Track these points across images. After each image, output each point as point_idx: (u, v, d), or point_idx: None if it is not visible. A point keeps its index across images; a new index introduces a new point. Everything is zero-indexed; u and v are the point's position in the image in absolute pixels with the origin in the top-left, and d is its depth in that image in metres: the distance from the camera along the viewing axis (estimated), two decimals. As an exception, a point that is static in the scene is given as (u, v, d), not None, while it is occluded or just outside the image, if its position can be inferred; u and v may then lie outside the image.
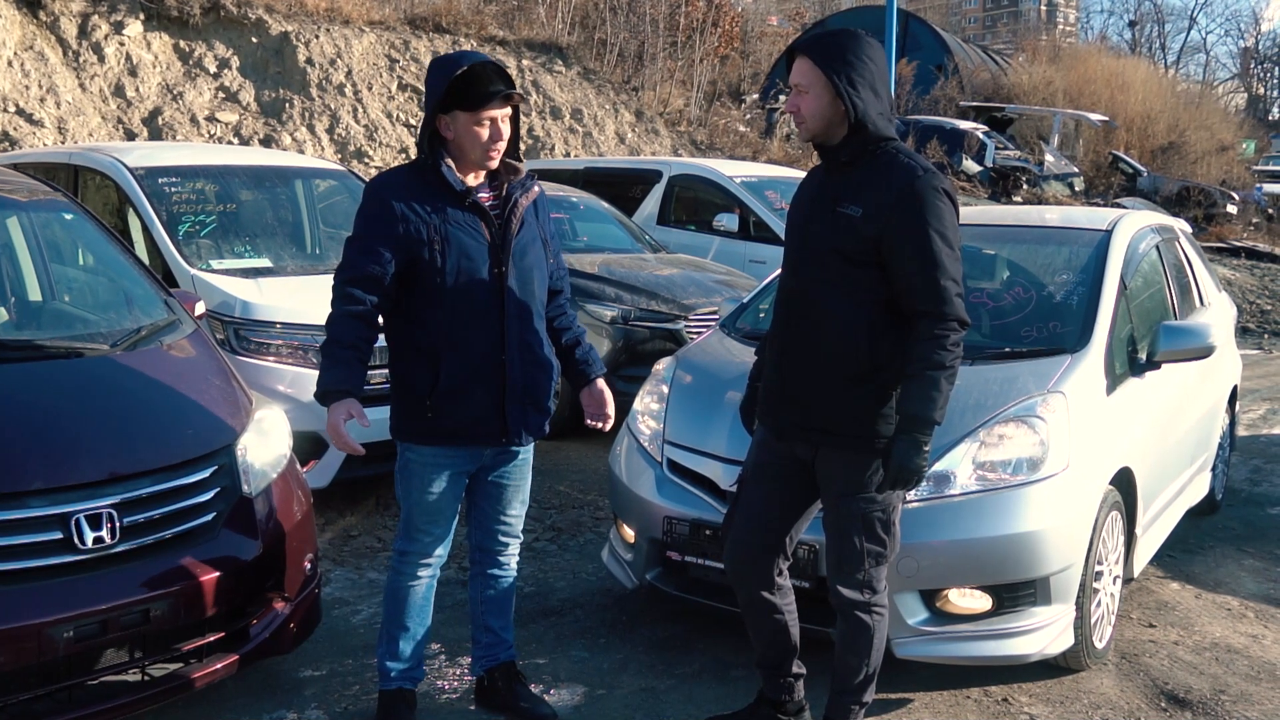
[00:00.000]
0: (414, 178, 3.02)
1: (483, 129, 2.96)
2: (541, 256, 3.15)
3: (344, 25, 14.95)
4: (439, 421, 3.03)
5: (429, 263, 2.96)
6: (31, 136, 11.39)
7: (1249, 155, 32.18)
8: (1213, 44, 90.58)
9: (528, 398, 3.10)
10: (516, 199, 3.07)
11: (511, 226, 3.05)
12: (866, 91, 2.79)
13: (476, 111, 2.93)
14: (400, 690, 3.24)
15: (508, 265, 3.02)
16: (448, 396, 3.01)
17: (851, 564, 2.94)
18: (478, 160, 3.01)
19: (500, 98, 2.95)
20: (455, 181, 2.98)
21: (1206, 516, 5.54)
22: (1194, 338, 4.15)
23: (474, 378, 3.02)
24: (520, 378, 3.07)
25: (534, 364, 3.11)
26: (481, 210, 3.02)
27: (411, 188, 3.00)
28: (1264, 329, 13.51)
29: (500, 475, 3.21)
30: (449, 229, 2.97)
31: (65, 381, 3.21)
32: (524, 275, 3.07)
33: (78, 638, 2.73)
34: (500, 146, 3.00)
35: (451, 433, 3.05)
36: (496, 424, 3.07)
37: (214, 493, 3.13)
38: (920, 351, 2.77)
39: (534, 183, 3.15)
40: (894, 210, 2.77)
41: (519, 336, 3.06)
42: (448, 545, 3.22)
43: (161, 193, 5.61)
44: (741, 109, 21.45)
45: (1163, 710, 3.54)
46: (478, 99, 2.92)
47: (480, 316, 3.01)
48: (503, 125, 2.99)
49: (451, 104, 2.94)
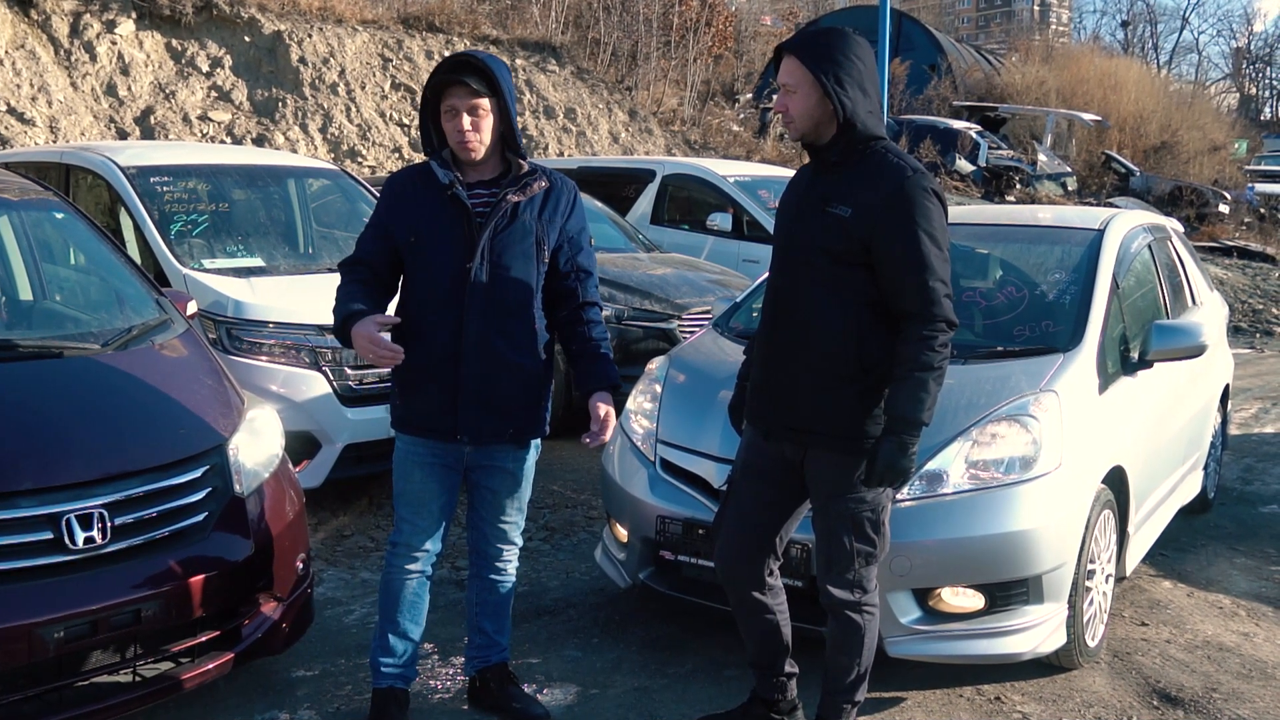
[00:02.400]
0: (419, 173, 3.10)
1: (449, 119, 2.99)
2: (530, 256, 3.06)
3: (337, 24, 14.93)
4: (405, 411, 3.11)
5: (408, 253, 3.05)
6: (23, 135, 11.36)
7: (1241, 155, 32.24)
8: (1205, 44, 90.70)
9: (482, 400, 3.04)
10: (506, 194, 3.03)
11: (490, 222, 3.01)
12: (855, 90, 2.79)
13: (443, 101, 2.99)
14: (392, 689, 3.23)
15: (476, 260, 2.99)
16: (408, 385, 3.09)
17: (841, 564, 2.94)
18: (456, 150, 3.03)
19: (459, 86, 2.93)
20: (440, 174, 3.02)
21: (1199, 515, 5.55)
22: (1186, 337, 4.16)
23: (430, 371, 3.04)
24: (474, 376, 3.01)
25: (497, 365, 3.04)
26: (461, 204, 3.01)
27: (414, 182, 3.09)
28: (1256, 328, 13.54)
29: (492, 482, 3.18)
30: (427, 221, 3.03)
31: (56, 381, 3.20)
32: (499, 273, 3.01)
33: (68, 638, 2.72)
34: (470, 138, 2.97)
35: (412, 422, 3.11)
36: (448, 420, 3.05)
37: (205, 493, 3.13)
38: (908, 352, 2.77)
39: (539, 179, 3.08)
40: (883, 211, 2.76)
41: (479, 335, 3.00)
42: (437, 541, 3.19)
43: (153, 192, 5.59)
44: (735, 108, 21.46)
45: (1155, 708, 3.55)
46: (442, 88, 2.98)
47: (442, 310, 3.01)
48: (470, 116, 2.96)
49: (434, 97, 3.03)
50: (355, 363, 5.08)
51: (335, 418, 5.03)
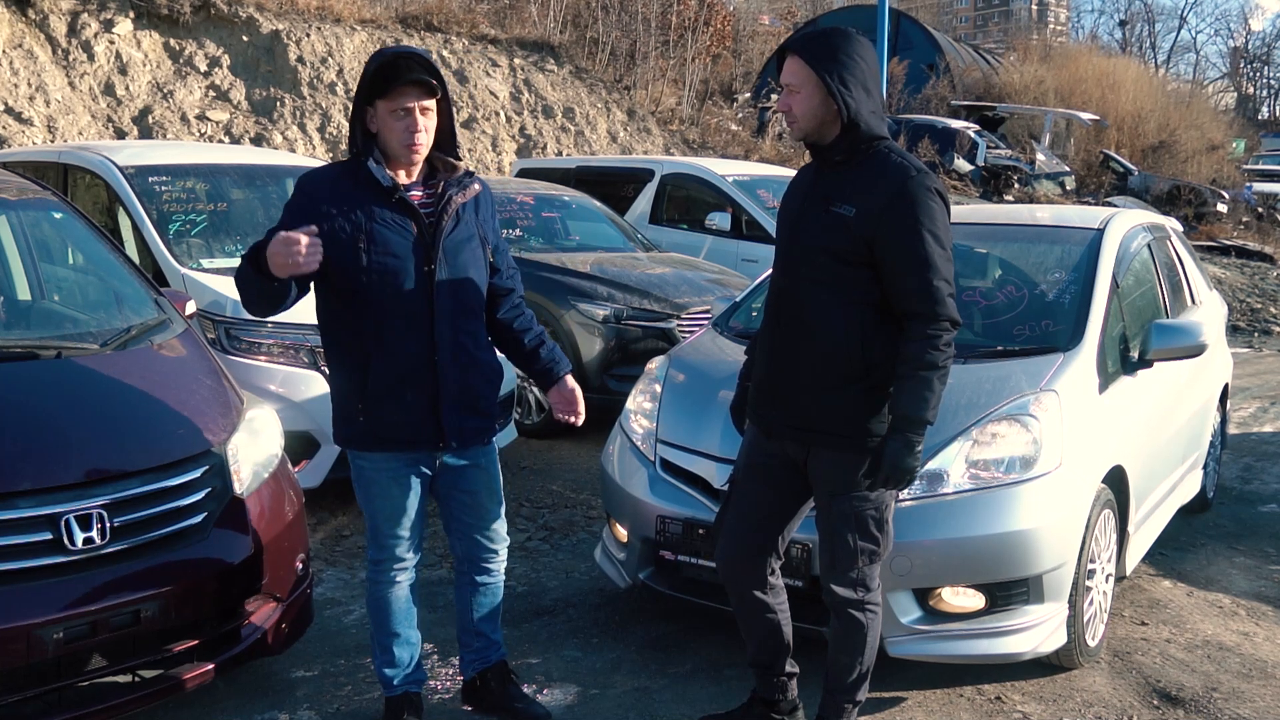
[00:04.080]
0: (344, 175, 2.93)
1: (398, 119, 2.85)
2: (479, 255, 3.02)
3: (335, 24, 14.90)
4: (372, 426, 2.96)
5: (353, 262, 2.86)
6: (21, 135, 11.34)
7: (1239, 154, 32.28)
8: (1203, 43, 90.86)
9: (463, 401, 3.00)
10: (451, 196, 2.97)
11: (443, 224, 2.93)
12: (858, 90, 2.78)
13: (391, 100, 2.83)
14: (406, 695, 3.21)
15: (437, 264, 2.92)
16: (377, 400, 2.93)
17: (845, 562, 2.94)
18: (398, 153, 2.89)
19: (415, 85, 2.83)
20: (382, 177, 2.88)
21: (1198, 514, 5.55)
22: (1186, 336, 4.16)
23: (404, 381, 2.93)
24: (455, 380, 2.97)
25: (470, 366, 3.00)
26: (410, 207, 2.91)
27: (340, 185, 2.91)
28: (1254, 327, 13.55)
29: (468, 483, 3.13)
30: (374, 226, 2.87)
31: (54, 381, 3.19)
32: (457, 275, 2.96)
33: (68, 639, 2.72)
34: (420, 139, 2.88)
35: (387, 438, 2.97)
36: (431, 428, 2.98)
37: (205, 493, 3.12)
38: (913, 352, 2.77)
39: (474, 180, 3.05)
40: (887, 211, 2.76)
41: (451, 338, 2.95)
42: (419, 547, 3.17)
43: (152, 191, 5.58)
44: (733, 108, 21.44)
45: (1155, 708, 3.54)
46: (391, 87, 2.83)
47: (409, 317, 2.91)
48: (423, 116, 2.87)
49: (373, 95, 2.86)
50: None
51: (334, 417, 5.01)
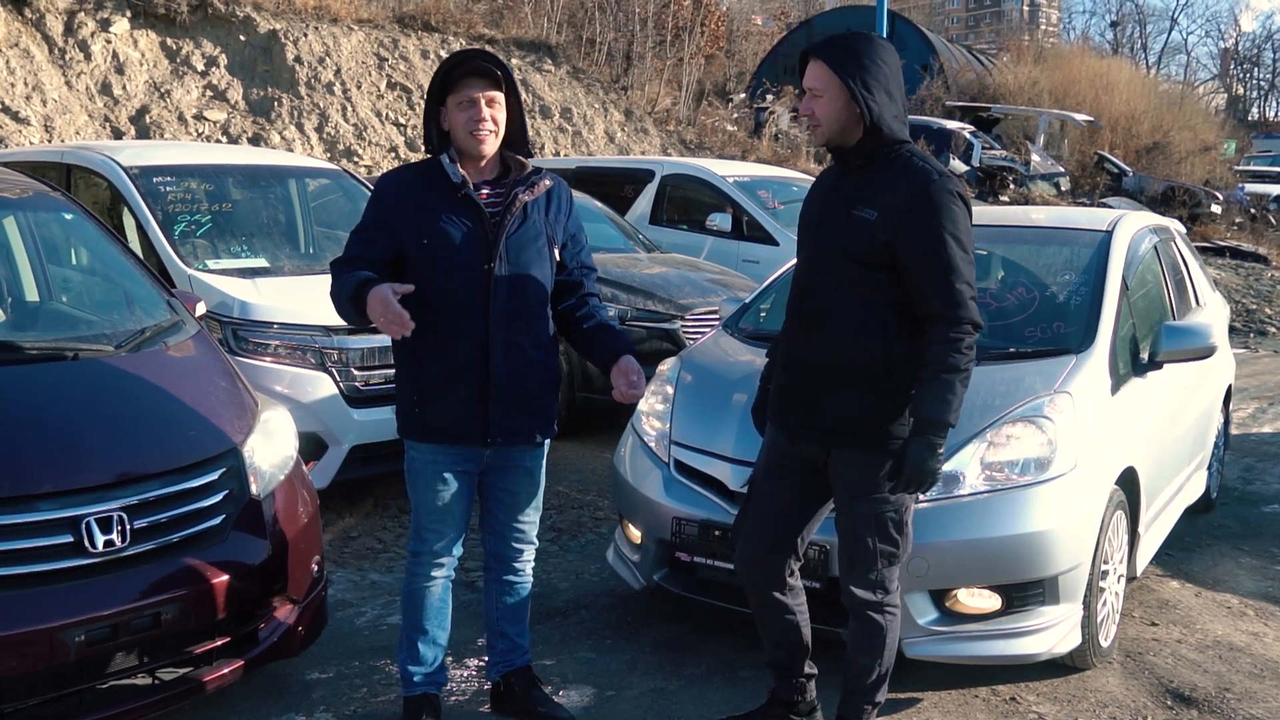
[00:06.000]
0: (420, 174, 3.04)
1: (463, 110, 2.92)
2: (544, 254, 3.05)
3: (332, 23, 14.87)
4: (426, 419, 3.02)
5: (419, 257, 2.94)
6: (18, 134, 11.29)
7: (1230, 155, 32.39)
8: (1193, 45, 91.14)
9: (513, 400, 3.02)
10: (517, 194, 3.00)
11: (506, 221, 2.98)
12: (881, 94, 2.79)
13: (457, 93, 2.92)
14: (425, 695, 3.21)
15: (497, 260, 2.96)
16: (431, 393, 2.99)
17: (864, 564, 2.94)
18: (466, 144, 2.95)
19: (478, 75, 2.90)
20: (453, 173, 2.96)
21: (1203, 515, 5.57)
22: (1196, 338, 4.18)
23: (457, 376, 2.97)
24: (505, 378, 2.99)
25: (523, 365, 3.02)
26: (473, 204, 2.97)
27: (414, 183, 3.02)
28: (1250, 328, 13.60)
29: (510, 483, 3.16)
30: (439, 223, 2.94)
31: (71, 383, 3.18)
32: (517, 273, 2.99)
33: (89, 642, 2.71)
34: (485, 128, 2.93)
35: (438, 430, 3.02)
36: (478, 424, 3.00)
37: (222, 495, 3.11)
38: (935, 354, 2.78)
39: (543, 178, 3.08)
40: (908, 214, 2.77)
41: (505, 336, 2.98)
42: (460, 545, 3.18)
43: (156, 192, 5.55)
44: (729, 108, 21.45)
45: (1169, 708, 3.56)
46: (456, 80, 2.92)
47: (465, 313, 2.95)
48: (488, 108, 2.93)
49: (443, 93, 2.96)
50: (362, 363, 5.08)
51: (342, 419, 5.01)
